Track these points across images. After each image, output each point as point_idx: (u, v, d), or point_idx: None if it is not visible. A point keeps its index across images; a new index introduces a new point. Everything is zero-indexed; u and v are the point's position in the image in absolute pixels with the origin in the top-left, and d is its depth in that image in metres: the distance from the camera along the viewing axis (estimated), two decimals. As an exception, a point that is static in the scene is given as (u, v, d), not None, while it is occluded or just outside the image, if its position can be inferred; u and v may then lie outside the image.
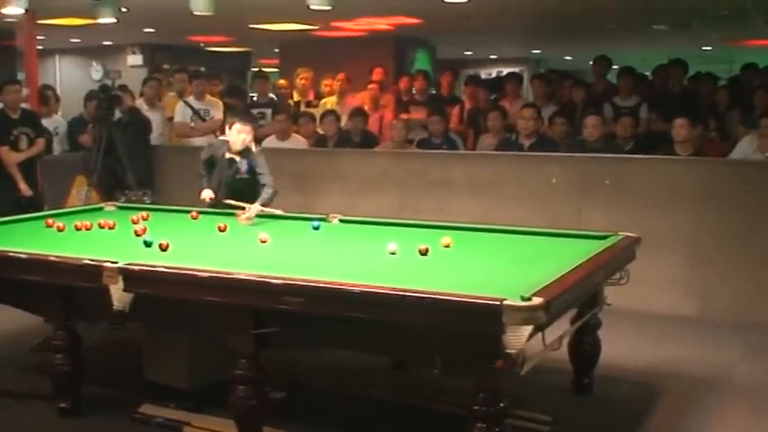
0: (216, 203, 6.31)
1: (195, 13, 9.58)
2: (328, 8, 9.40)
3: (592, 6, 11.56)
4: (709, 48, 17.21)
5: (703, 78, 9.87)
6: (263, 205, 6.03)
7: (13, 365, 5.68)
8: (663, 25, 13.43)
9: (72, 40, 16.94)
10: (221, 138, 6.81)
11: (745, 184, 6.95)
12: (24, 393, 5.12)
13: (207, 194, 6.34)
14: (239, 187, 6.29)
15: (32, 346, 5.80)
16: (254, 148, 6.38)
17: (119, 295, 4.25)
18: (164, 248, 4.70)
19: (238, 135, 6.26)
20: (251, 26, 13.32)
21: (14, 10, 9.34)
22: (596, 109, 8.51)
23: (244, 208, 5.94)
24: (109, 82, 9.39)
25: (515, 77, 10.54)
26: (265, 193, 6.20)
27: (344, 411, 4.86)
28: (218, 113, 9.61)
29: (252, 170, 6.32)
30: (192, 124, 9.50)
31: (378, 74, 11.16)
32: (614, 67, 10.77)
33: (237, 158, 6.31)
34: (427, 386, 4.87)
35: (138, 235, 5.16)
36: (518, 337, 3.43)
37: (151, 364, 5.16)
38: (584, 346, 5.09)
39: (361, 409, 4.90)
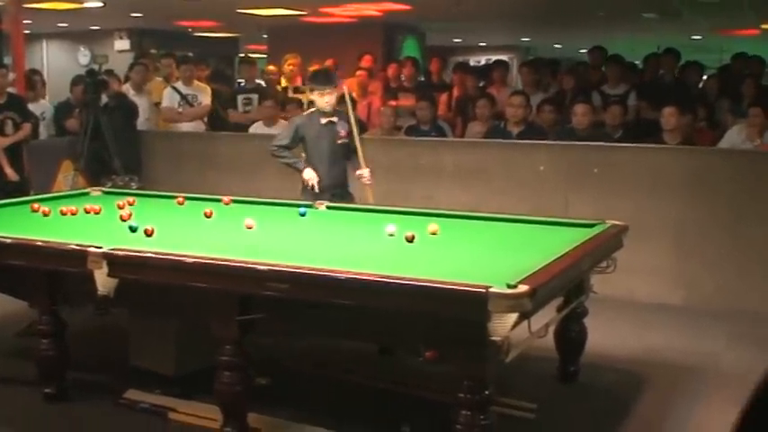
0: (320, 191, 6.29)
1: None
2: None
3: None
4: (699, 37, 17.21)
5: (690, 67, 9.88)
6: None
7: (-2, 350, 5.67)
8: (653, 13, 13.43)
9: (59, 25, 16.85)
10: (303, 114, 6.84)
11: (733, 172, 6.96)
12: (9, 378, 5.10)
13: (313, 177, 6.31)
14: (339, 155, 6.35)
15: (17, 332, 5.79)
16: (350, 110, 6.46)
17: (103, 280, 4.22)
18: (149, 234, 4.67)
19: (321, 99, 6.31)
20: (239, 11, 13.27)
21: (0, -7, 9.29)
22: (585, 97, 8.51)
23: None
24: (96, 67, 9.31)
25: (502, 65, 10.53)
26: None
27: (330, 397, 4.85)
28: (206, 99, 9.57)
29: (350, 133, 6.37)
30: (180, 109, 9.46)
31: (367, 61, 11.15)
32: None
33: (335, 120, 6.34)
34: (413, 373, 4.86)
35: (123, 220, 5.14)
36: (503, 325, 3.43)
37: (136, 349, 5.16)
38: (571, 333, 5.09)
39: (346, 396, 4.89)
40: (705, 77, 10.20)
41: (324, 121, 6.35)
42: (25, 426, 4.58)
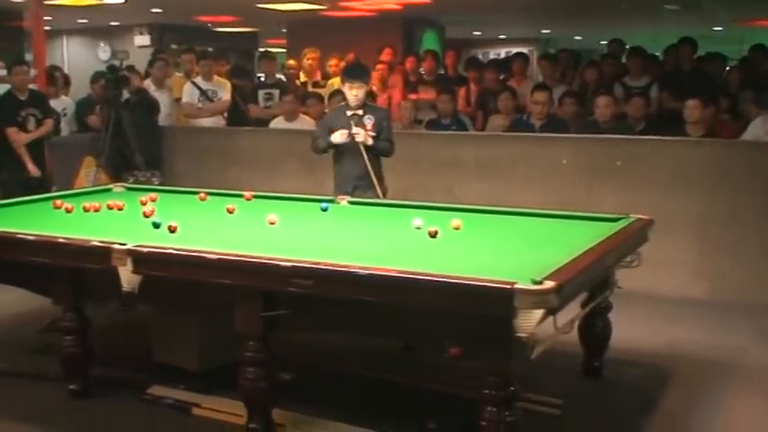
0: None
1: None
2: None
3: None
4: (720, 28, 17.09)
5: (713, 58, 9.80)
6: (375, 144, 6.32)
7: (22, 347, 5.68)
8: (674, 5, 13.34)
9: (79, 21, 16.89)
10: (334, 108, 6.89)
11: (757, 164, 6.90)
12: (33, 375, 5.11)
13: (340, 134, 6.31)
14: (363, 148, 6.31)
15: (40, 328, 5.81)
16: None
17: (128, 277, 4.22)
18: (172, 230, 4.67)
19: (350, 92, 6.36)
20: (259, 6, 13.25)
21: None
22: (607, 89, 8.47)
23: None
24: (116, 62, 9.34)
25: (522, 57, 10.48)
26: (384, 142, 6.39)
27: (354, 393, 4.85)
28: (225, 94, 9.58)
29: (379, 129, 6.37)
30: (200, 105, 9.47)
31: (387, 54, 11.11)
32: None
33: (360, 112, 6.34)
34: (438, 368, 4.84)
35: (146, 216, 5.14)
36: (529, 321, 3.40)
37: (161, 345, 5.17)
38: (595, 329, 5.06)
39: (371, 392, 4.89)
40: (728, 68, 10.10)
41: (349, 113, 6.36)
42: (50, 422, 4.58)
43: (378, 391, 4.90)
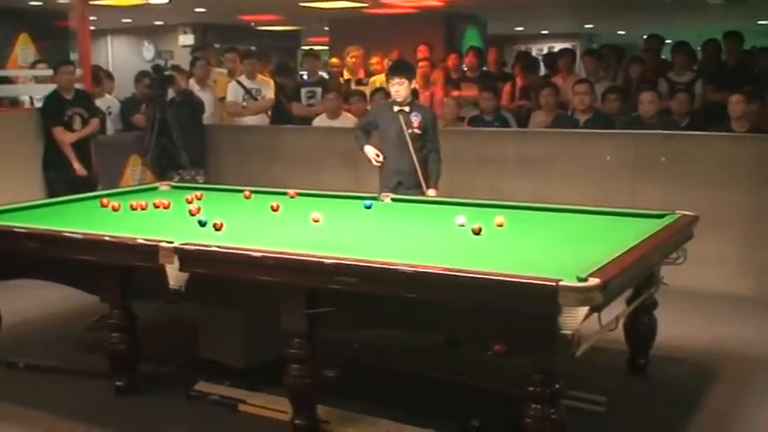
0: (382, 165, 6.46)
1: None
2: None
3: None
4: (766, 22, 16.86)
5: (759, 53, 9.66)
6: (435, 184, 6.47)
7: (70, 344, 5.75)
8: (718, -1, 13.21)
9: (124, 20, 17.04)
10: (384, 102, 7.01)
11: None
12: (81, 371, 5.18)
13: (372, 152, 6.45)
14: (406, 143, 6.37)
15: (88, 325, 5.89)
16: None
17: (175, 275, 4.27)
18: (218, 228, 4.72)
19: (392, 88, 6.45)
20: (302, 4, 13.30)
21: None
22: (651, 85, 8.40)
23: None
24: (161, 62, 9.42)
25: (568, 53, 10.41)
26: (435, 168, 6.51)
27: (398, 390, 4.85)
28: (269, 92, 9.63)
29: (425, 128, 6.44)
30: (244, 103, 9.53)
31: (422, 51, 11.07)
32: (667, 41, 10.62)
33: (407, 109, 6.40)
34: (481, 366, 4.84)
35: (192, 214, 5.19)
36: (574, 318, 3.39)
37: (207, 342, 5.22)
38: (641, 326, 5.04)
39: (414, 388, 4.89)
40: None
41: (396, 109, 6.38)
42: (98, 418, 4.63)
43: (422, 387, 4.91)
